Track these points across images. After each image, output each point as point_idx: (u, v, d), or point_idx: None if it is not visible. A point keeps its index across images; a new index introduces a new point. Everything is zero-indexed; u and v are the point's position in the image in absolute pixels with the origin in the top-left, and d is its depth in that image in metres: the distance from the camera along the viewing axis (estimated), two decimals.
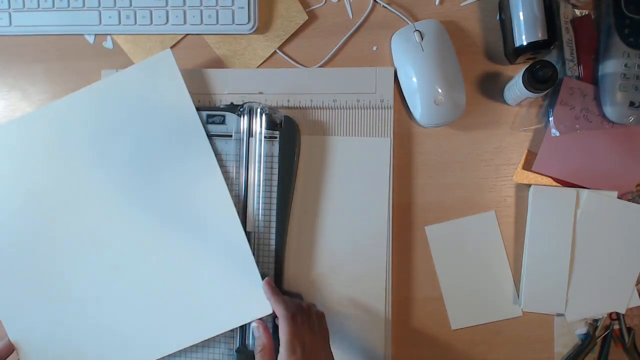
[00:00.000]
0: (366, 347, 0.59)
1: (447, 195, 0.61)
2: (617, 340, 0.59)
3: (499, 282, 0.60)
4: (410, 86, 0.59)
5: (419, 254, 0.61)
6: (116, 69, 0.64)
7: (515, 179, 0.60)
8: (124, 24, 0.64)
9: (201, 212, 0.59)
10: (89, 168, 0.61)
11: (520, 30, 0.56)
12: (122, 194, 0.60)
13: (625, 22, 0.55)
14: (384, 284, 0.59)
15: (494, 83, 0.61)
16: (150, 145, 0.60)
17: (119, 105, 0.61)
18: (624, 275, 0.58)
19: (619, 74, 0.56)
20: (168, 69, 0.60)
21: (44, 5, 0.64)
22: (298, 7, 0.63)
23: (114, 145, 0.61)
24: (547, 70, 0.52)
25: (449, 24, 0.61)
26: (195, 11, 0.63)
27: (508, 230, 0.60)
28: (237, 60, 0.64)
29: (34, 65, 0.67)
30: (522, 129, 0.60)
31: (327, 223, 0.60)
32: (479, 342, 0.60)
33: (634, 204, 0.57)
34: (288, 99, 0.62)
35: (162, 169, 0.60)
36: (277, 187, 0.59)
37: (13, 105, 0.67)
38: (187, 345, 0.59)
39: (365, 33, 0.63)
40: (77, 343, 0.60)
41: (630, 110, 0.56)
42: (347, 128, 0.61)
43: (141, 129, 0.60)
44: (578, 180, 0.58)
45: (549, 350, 0.59)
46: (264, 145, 0.60)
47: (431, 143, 0.61)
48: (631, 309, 0.58)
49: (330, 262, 0.60)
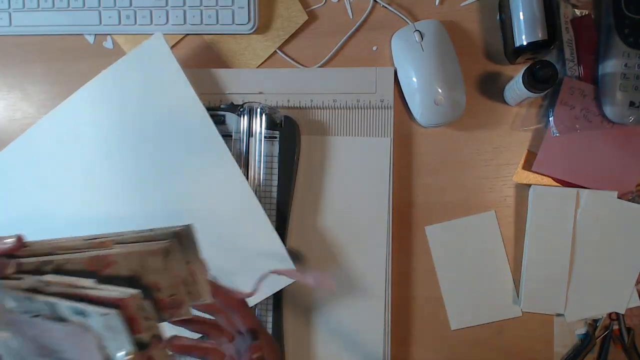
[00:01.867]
0: (366, 347, 0.59)
1: (447, 195, 0.61)
2: (617, 341, 0.59)
3: (499, 282, 0.60)
4: (410, 86, 0.59)
5: (419, 254, 0.61)
6: None
7: (515, 179, 0.60)
8: (124, 24, 0.64)
9: (216, 195, 0.59)
10: (104, 165, 0.61)
11: (520, 30, 0.56)
12: (136, 187, 0.60)
13: (625, 22, 0.55)
14: (384, 284, 0.59)
15: (494, 83, 0.61)
16: (155, 131, 0.60)
17: (119, 96, 0.61)
18: (624, 275, 0.58)
19: (619, 74, 0.56)
20: (161, 52, 0.60)
21: (44, 5, 0.64)
22: (298, 7, 0.63)
23: (123, 137, 0.61)
24: (547, 70, 0.52)
25: (449, 24, 0.61)
26: (195, 11, 0.63)
27: (508, 230, 0.60)
28: (237, 60, 0.64)
29: (34, 65, 0.67)
30: (522, 129, 0.60)
31: (327, 223, 0.60)
32: (479, 342, 0.60)
33: (634, 204, 0.57)
34: (288, 99, 0.62)
35: (169, 153, 0.60)
36: (277, 187, 0.59)
37: (13, 105, 0.67)
38: None
39: (365, 33, 0.63)
40: None
41: (630, 110, 0.56)
42: (347, 128, 0.61)
43: (144, 117, 0.61)
44: (578, 180, 0.58)
45: (549, 350, 0.59)
46: (264, 145, 0.60)
47: (431, 143, 0.61)
48: (631, 309, 0.58)
49: (330, 262, 0.60)
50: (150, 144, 0.61)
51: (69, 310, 0.31)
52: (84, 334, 0.31)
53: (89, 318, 0.31)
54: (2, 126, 0.67)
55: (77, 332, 0.31)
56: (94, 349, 0.31)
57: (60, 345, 0.32)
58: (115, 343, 0.31)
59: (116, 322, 0.30)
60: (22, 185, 0.63)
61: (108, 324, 0.30)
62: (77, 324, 0.31)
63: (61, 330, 0.32)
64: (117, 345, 0.31)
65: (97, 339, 0.31)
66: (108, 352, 0.31)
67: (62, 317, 0.32)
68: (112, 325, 0.30)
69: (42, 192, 0.62)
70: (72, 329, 0.31)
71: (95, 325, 0.31)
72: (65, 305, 0.31)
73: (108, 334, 0.31)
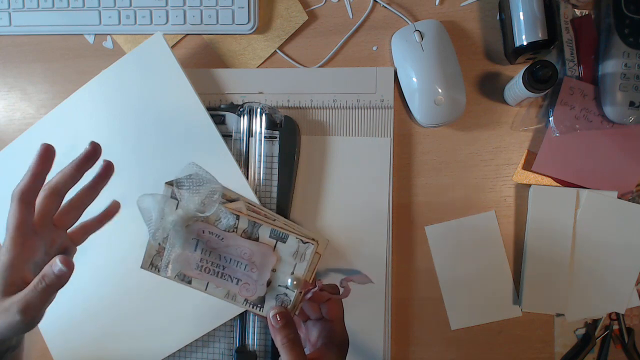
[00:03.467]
0: (366, 347, 0.59)
1: (447, 195, 0.61)
2: (617, 341, 0.59)
3: (499, 282, 0.60)
4: (410, 86, 0.59)
5: (419, 254, 0.61)
6: None
7: (515, 179, 0.60)
8: (124, 24, 0.64)
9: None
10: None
11: (520, 30, 0.56)
12: (136, 187, 0.60)
13: (625, 22, 0.55)
14: (384, 284, 0.59)
15: (494, 83, 0.61)
16: (155, 131, 0.60)
17: (119, 96, 0.61)
18: (624, 275, 0.58)
19: (619, 74, 0.56)
20: (161, 52, 0.60)
21: (44, 5, 0.64)
22: (298, 7, 0.63)
23: (123, 137, 0.61)
24: (547, 70, 0.52)
25: (449, 24, 0.61)
26: (195, 11, 0.63)
27: (508, 230, 0.60)
28: (237, 60, 0.64)
29: (34, 65, 0.67)
30: (522, 129, 0.60)
31: (327, 223, 0.60)
32: (479, 342, 0.60)
33: (634, 204, 0.57)
34: (288, 99, 0.62)
35: (170, 153, 0.60)
36: (277, 187, 0.59)
37: (13, 105, 0.67)
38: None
39: (365, 33, 0.63)
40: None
41: (630, 110, 0.56)
42: (347, 128, 0.61)
43: (144, 117, 0.61)
44: (578, 180, 0.58)
45: (549, 350, 0.59)
46: (264, 145, 0.60)
47: (431, 143, 0.61)
48: (631, 309, 0.58)
49: (331, 262, 0.60)
50: (150, 143, 0.61)
51: (270, 232, 0.42)
52: (268, 254, 0.42)
53: (286, 242, 0.42)
54: (2, 126, 0.67)
55: (265, 251, 0.42)
56: (268, 269, 0.42)
57: (229, 259, 0.43)
58: (289, 268, 0.42)
59: (310, 252, 0.42)
60: None
61: (302, 251, 0.42)
62: (269, 246, 0.42)
63: (248, 247, 0.42)
64: (287, 272, 0.42)
65: (276, 261, 0.42)
66: (276, 275, 0.42)
67: (256, 236, 0.43)
68: (304, 253, 0.42)
69: None
70: (261, 248, 0.42)
71: (285, 250, 0.42)
72: (270, 228, 0.42)
73: (291, 261, 0.42)
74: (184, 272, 0.44)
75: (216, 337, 0.60)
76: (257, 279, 0.43)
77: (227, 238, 0.43)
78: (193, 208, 0.42)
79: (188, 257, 0.44)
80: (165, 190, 0.44)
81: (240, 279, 0.43)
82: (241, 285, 0.43)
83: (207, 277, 0.44)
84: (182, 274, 0.44)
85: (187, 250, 0.44)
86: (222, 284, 0.44)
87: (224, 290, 0.44)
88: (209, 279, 0.44)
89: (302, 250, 0.42)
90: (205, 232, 0.43)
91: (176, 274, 0.44)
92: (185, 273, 0.44)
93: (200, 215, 0.43)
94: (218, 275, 0.44)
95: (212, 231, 0.43)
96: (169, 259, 0.44)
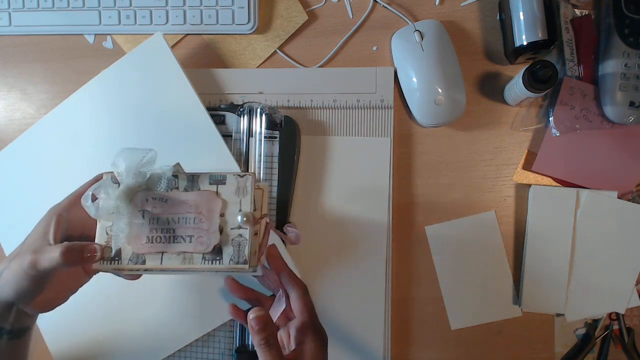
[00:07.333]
0: (366, 347, 0.59)
1: (447, 195, 0.61)
2: (617, 341, 0.59)
3: (499, 282, 0.60)
4: (410, 86, 0.59)
5: (419, 254, 0.61)
6: None
7: (515, 179, 0.60)
8: (124, 24, 0.64)
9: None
10: (104, 165, 0.61)
11: (520, 30, 0.56)
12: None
13: (625, 22, 0.55)
14: (384, 284, 0.59)
15: (494, 83, 0.61)
16: (155, 131, 0.61)
17: (119, 96, 0.61)
18: (623, 275, 0.58)
19: (619, 74, 0.56)
20: (161, 52, 0.60)
21: (44, 5, 0.64)
22: (298, 7, 0.63)
23: (123, 137, 0.61)
24: (547, 70, 0.52)
25: (449, 24, 0.61)
26: (195, 11, 0.63)
27: (508, 230, 0.60)
28: (237, 60, 0.64)
29: (34, 65, 0.67)
30: (522, 129, 0.60)
31: (326, 223, 0.60)
32: (479, 342, 0.60)
33: (634, 204, 0.57)
34: (288, 99, 0.62)
35: (170, 153, 0.59)
36: (277, 187, 0.59)
37: (13, 105, 0.67)
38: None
39: (365, 33, 0.63)
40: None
41: (630, 110, 0.56)
42: (347, 128, 0.61)
43: (144, 117, 0.61)
44: (578, 180, 0.58)
45: (549, 350, 0.59)
46: (264, 145, 0.60)
47: (431, 143, 0.61)
48: (631, 309, 0.58)
49: (331, 262, 0.60)
50: (151, 143, 0.60)
51: (209, 178, 0.43)
52: (212, 199, 0.43)
53: (226, 182, 0.43)
54: (2, 126, 0.67)
55: (209, 196, 0.43)
56: (216, 213, 0.43)
57: (177, 219, 0.43)
58: (236, 208, 0.43)
59: (249, 183, 0.43)
60: (22, 185, 0.63)
61: (242, 185, 0.43)
62: (211, 191, 0.43)
63: (192, 198, 0.43)
64: (235, 212, 0.42)
65: (222, 205, 0.43)
66: (226, 220, 0.42)
67: (198, 188, 0.43)
68: (244, 186, 0.43)
69: (42, 192, 0.62)
70: (204, 195, 0.43)
71: (227, 190, 0.43)
72: (208, 175, 0.43)
73: (235, 199, 0.43)
74: (136, 252, 0.43)
75: (216, 337, 0.60)
76: (207, 227, 0.42)
77: (170, 198, 0.43)
78: (132, 179, 0.42)
79: (137, 232, 0.43)
80: (105, 178, 0.44)
81: (192, 235, 0.43)
82: (195, 241, 0.42)
83: (159, 247, 0.43)
84: (135, 254, 0.43)
85: (136, 221, 0.43)
86: (175, 248, 0.43)
87: (180, 257, 0.42)
88: (162, 248, 0.43)
89: (242, 184, 0.43)
90: (149, 200, 0.43)
91: (129, 257, 0.43)
92: (138, 252, 0.43)
93: (140, 182, 0.43)
94: (170, 241, 0.43)
95: (155, 196, 0.43)
96: (118, 244, 0.43)
